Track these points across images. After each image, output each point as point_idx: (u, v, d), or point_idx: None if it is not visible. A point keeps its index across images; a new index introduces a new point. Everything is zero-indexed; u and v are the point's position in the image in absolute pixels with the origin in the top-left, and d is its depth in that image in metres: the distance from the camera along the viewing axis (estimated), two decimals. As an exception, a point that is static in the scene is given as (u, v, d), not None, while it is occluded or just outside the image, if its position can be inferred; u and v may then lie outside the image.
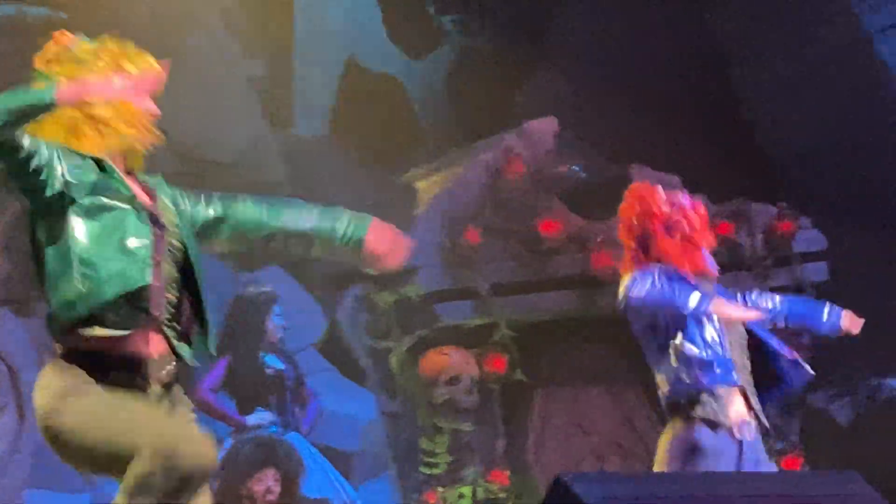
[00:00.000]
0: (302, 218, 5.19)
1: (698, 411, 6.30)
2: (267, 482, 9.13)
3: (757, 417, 6.43)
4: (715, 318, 6.36)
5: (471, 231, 10.86)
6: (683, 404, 6.35)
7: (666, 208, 6.64)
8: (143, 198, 4.81)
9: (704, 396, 6.31)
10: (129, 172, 4.86)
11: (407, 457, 10.69)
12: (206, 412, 9.36)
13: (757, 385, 6.48)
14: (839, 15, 12.67)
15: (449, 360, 10.69)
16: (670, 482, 5.12)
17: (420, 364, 10.75)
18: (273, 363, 9.73)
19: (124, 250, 4.68)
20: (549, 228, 11.03)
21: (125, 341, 4.69)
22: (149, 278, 4.71)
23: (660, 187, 6.81)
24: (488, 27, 14.42)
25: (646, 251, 6.65)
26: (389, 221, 11.82)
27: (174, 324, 4.82)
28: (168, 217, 4.85)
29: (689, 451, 6.29)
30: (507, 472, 10.90)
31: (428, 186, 11.41)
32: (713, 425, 6.32)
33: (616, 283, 11.02)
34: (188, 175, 4.83)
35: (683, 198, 6.75)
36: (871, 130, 11.88)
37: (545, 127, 11.43)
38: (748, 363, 6.50)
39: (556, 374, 11.48)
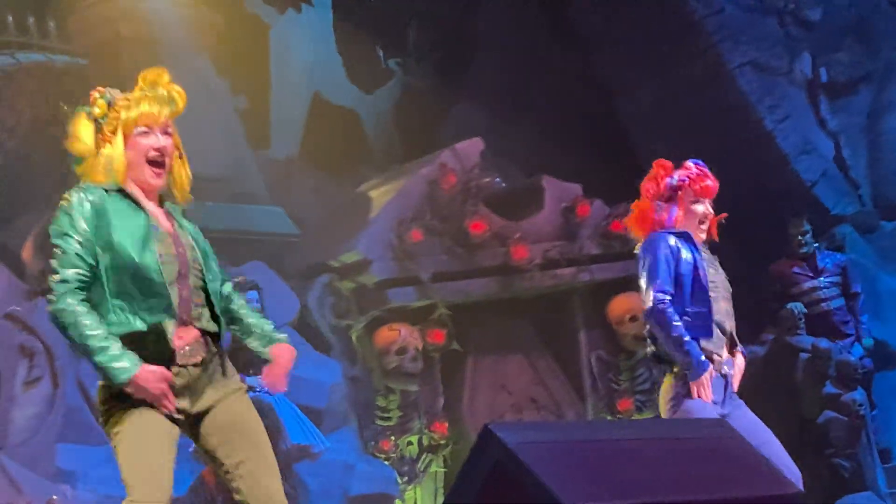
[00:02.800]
0: (259, 325, 4.99)
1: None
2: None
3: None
4: (704, 276, 5.97)
5: (414, 231, 10.85)
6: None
7: (680, 179, 6.16)
8: (164, 223, 4.62)
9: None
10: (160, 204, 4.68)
11: (365, 412, 10.67)
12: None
13: None
14: (703, 53, 12.72)
15: (398, 334, 10.66)
16: (573, 429, 5.13)
17: (374, 338, 10.72)
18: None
19: (151, 286, 4.48)
20: (477, 228, 11.02)
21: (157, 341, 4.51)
22: (173, 315, 4.50)
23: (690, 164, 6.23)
24: (425, 68, 14.42)
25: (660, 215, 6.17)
26: (349, 225, 11.84)
27: (202, 313, 4.63)
28: (186, 237, 4.65)
29: (687, 397, 5.81)
30: (446, 424, 10.89)
31: (379, 195, 11.39)
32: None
33: (529, 271, 11.12)
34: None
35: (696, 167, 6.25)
36: (729, 143, 11.90)
37: (472, 146, 11.43)
38: (731, 309, 6.11)
39: (484, 344, 11.47)
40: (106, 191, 4.58)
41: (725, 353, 6.00)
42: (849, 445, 10.97)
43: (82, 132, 4.64)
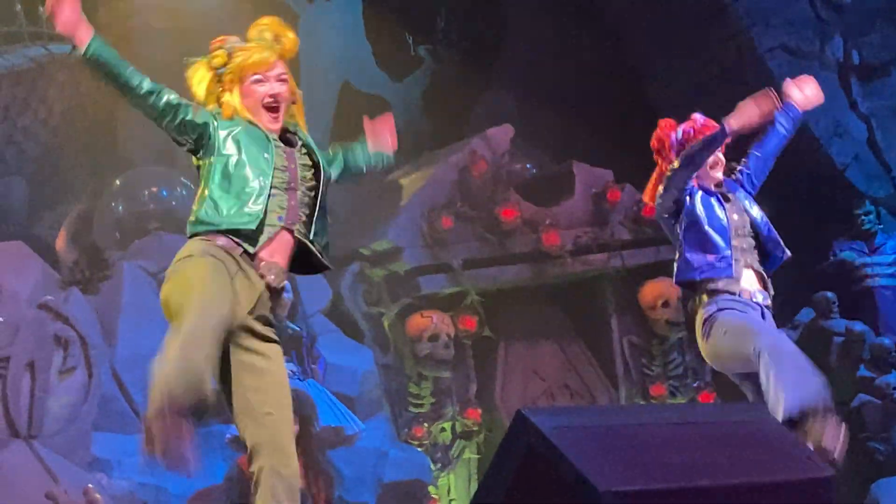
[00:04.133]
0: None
1: (718, 284, 5.98)
2: (287, 422, 9.09)
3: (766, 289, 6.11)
4: (721, 214, 6.10)
5: (445, 218, 10.85)
6: (699, 282, 6.03)
7: (685, 131, 6.31)
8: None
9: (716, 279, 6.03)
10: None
11: (398, 399, 10.69)
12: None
13: None
14: (733, 37, 12.66)
15: (430, 321, 10.68)
16: (606, 414, 5.13)
17: (406, 325, 10.74)
18: (291, 326, 9.69)
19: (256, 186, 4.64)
20: (508, 214, 11.03)
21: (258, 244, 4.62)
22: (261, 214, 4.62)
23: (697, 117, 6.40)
24: (454, 55, 14.40)
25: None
26: (380, 213, 11.88)
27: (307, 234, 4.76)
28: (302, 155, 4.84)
29: (719, 311, 5.90)
30: (479, 410, 10.91)
31: (409, 183, 11.39)
32: (731, 293, 5.98)
33: (560, 257, 11.11)
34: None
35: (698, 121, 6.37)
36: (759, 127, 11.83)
37: (503, 133, 11.43)
38: (752, 241, 6.17)
39: (516, 330, 11.48)
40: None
41: (756, 285, 6.04)
42: (883, 429, 10.93)
43: (198, 80, 4.85)
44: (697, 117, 6.33)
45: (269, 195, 4.66)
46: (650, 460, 3.87)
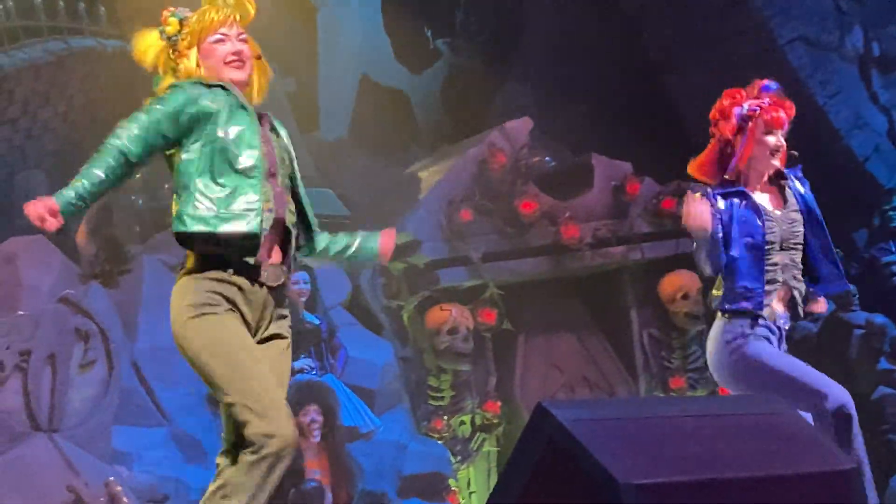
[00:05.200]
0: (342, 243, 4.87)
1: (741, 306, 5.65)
2: (311, 415, 9.12)
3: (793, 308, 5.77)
4: (759, 225, 5.66)
5: (464, 211, 10.86)
6: (727, 308, 5.68)
7: (751, 108, 5.81)
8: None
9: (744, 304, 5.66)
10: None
11: (418, 392, 10.70)
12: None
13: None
14: (753, 28, 12.64)
15: (449, 314, 10.68)
16: (627, 406, 5.13)
17: (426, 318, 10.75)
18: (311, 319, 9.71)
19: (245, 172, 4.44)
20: (527, 207, 11.03)
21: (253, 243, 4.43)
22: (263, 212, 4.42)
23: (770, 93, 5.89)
24: (473, 48, 14.40)
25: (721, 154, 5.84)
26: (398, 205, 11.88)
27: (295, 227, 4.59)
28: (279, 137, 4.66)
29: (736, 338, 5.64)
30: (499, 403, 10.91)
31: (428, 176, 11.40)
32: (754, 318, 5.66)
33: (579, 250, 11.10)
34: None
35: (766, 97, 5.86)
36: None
37: (521, 126, 11.42)
38: (797, 259, 5.76)
39: (535, 323, 11.48)
40: (206, 85, 4.55)
41: (780, 306, 5.73)
42: (904, 421, 10.92)
43: (146, 47, 4.67)
44: (760, 92, 5.89)
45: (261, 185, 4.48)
46: (670, 453, 3.86)
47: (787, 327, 5.79)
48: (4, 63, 10.67)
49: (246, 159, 4.47)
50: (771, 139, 5.80)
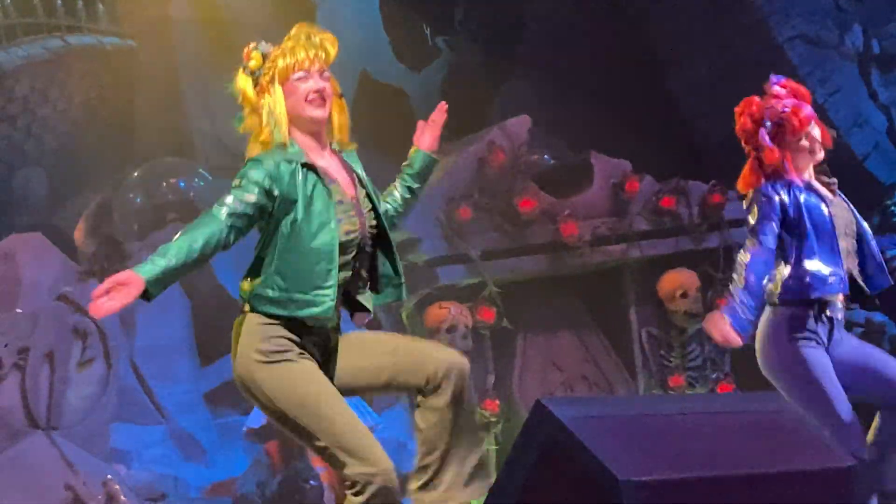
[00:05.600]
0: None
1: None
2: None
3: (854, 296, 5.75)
4: (825, 211, 5.67)
5: (463, 208, 10.83)
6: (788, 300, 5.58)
7: (782, 118, 5.70)
8: (348, 188, 4.73)
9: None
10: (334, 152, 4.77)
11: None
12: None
13: None
14: (752, 27, 12.63)
15: (448, 312, 10.66)
16: (626, 404, 5.13)
17: (425, 316, 10.73)
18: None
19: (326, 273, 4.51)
20: (526, 205, 11.00)
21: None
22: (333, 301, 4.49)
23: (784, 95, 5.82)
24: (472, 46, 14.40)
25: (760, 162, 5.72)
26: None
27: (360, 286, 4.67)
28: (362, 193, 4.78)
29: (788, 330, 5.54)
30: (497, 401, 10.89)
31: (427, 174, 11.38)
32: (806, 307, 5.59)
33: (578, 248, 11.09)
34: (236, 168, 4.71)
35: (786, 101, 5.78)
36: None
37: (520, 123, 11.40)
38: (852, 248, 5.78)
39: (534, 321, 11.46)
40: (288, 161, 4.58)
41: (838, 297, 5.66)
42: (904, 420, 10.90)
43: (243, 86, 4.67)
44: (780, 92, 5.82)
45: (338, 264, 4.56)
46: (669, 450, 3.86)
47: (840, 316, 5.70)
48: (3, 61, 10.69)
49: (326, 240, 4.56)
50: (805, 142, 5.77)
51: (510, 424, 10.81)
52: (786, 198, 5.63)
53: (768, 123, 5.73)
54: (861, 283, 5.74)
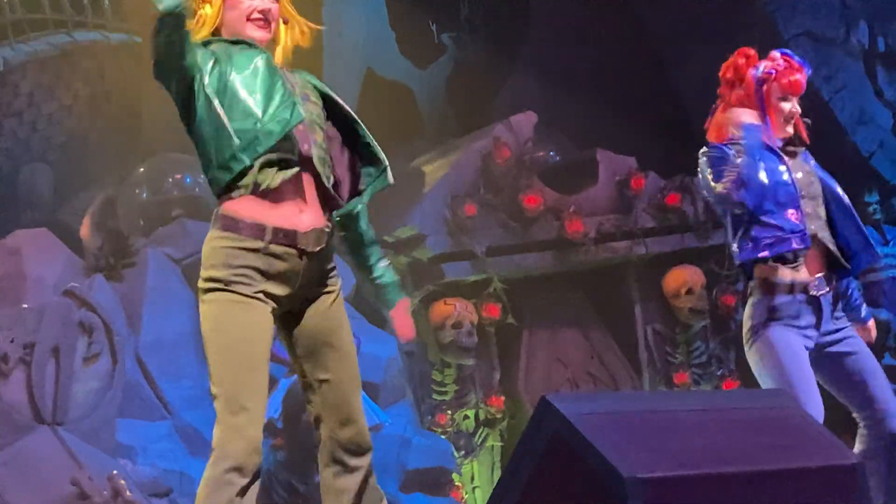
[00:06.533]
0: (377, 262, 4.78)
1: (773, 276, 5.34)
2: (318, 412, 9.12)
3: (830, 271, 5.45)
4: (788, 178, 5.40)
5: (468, 205, 10.85)
6: (757, 269, 5.38)
7: (766, 72, 5.56)
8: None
9: (774, 263, 5.35)
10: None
11: (421, 386, 10.69)
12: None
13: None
14: (758, 23, 12.62)
15: (453, 308, 10.67)
16: (631, 400, 5.13)
17: (430, 312, 10.74)
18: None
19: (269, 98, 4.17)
20: (531, 202, 11.01)
21: (282, 202, 4.18)
22: (302, 113, 4.20)
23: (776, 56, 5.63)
24: (478, 42, 14.39)
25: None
26: (403, 200, 11.86)
27: (328, 171, 4.31)
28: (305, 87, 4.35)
29: (769, 312, 5.30)
30: (502, 398, 10.91)
31: (433, 170, 11.39)
32: (789, 287, 5.36)
33: (583, 245, 11.09)
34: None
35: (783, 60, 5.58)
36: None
37: (526, 120, 11.42)
38: (822, 213, 5.50)
39: (539, 318, 11.47)
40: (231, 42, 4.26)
41: (816, 269, 5.44)
42: (908, 418, 10.90)
43: None
44: (778, 55, 5.66)
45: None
46: (675, 447, 3.86)
47: (826, 295, 5.42)
48: (9, 56, 10.68)
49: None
50: (786, 105, 5.60)
51: (515, 421, 10.83)
52: (740, 156, 5.39)
53: (761, 67, 5.62)
54: (835, 251, 5.48)
